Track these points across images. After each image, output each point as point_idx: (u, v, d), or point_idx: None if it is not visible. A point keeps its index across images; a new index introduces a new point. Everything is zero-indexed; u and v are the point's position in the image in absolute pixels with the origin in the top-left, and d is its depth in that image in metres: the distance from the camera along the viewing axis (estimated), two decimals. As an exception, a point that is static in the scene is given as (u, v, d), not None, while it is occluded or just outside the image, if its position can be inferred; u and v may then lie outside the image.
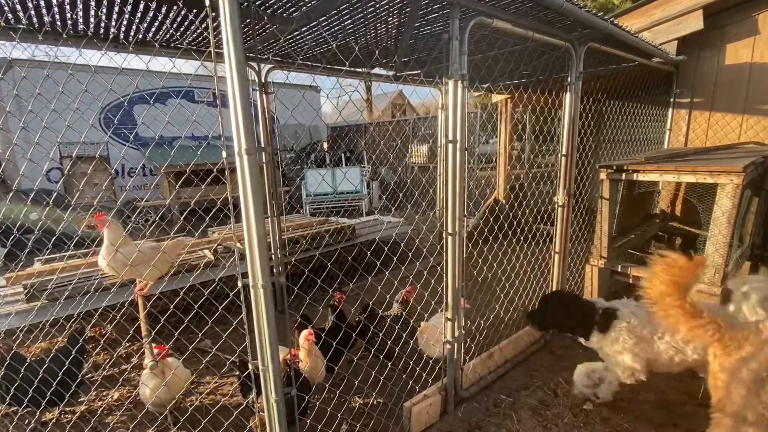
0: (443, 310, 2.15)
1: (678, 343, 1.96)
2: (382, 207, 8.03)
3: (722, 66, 3.73)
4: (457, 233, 2.03)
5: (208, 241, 3.47)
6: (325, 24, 2.34)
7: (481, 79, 3.80)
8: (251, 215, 1.30)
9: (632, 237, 3.32)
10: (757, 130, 3.57)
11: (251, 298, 1.40)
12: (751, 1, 3.51)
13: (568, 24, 2.41)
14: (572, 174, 2.72)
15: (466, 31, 1.86)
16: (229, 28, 1.20)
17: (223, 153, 1.33)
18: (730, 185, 2.30)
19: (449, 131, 1.95)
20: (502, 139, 5.27)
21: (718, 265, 2.42)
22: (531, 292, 3.01)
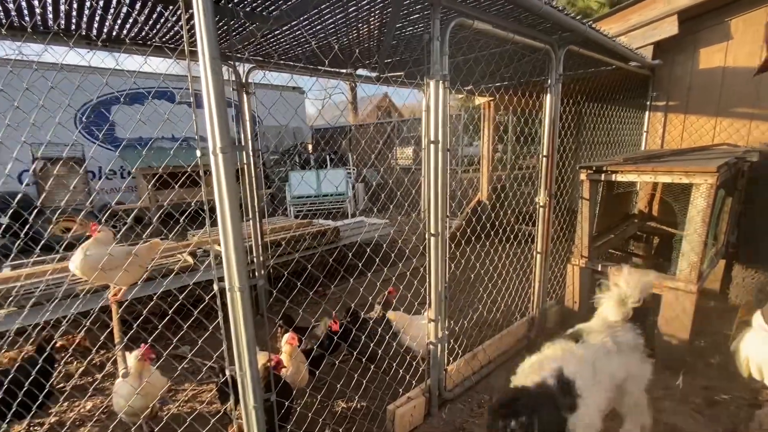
0: (426, 311, 2.14)
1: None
2: (367, 209, 8.01)
3: (696, 70, 3.85)
4: (439, 234, 2.02)
5: (187, 244, 3.39)
6: (306, 24, 2.31)
7: (464, 81, 3.83)
8: (227, 216, 1.27)
9: (612, 237, 3.39)
10: (730, 132, 3.69)
11: (228, 301, 1.35)
12: (723, 6, 3.62)
13: (548, 27, 2.44)
14: (553, 175, 2.76)
15: (447, 32, 1.86)
16: (203, 24, 1.16)
17: (197, 152, 1.29)
18: (705, 185, 2.37)
19: (431, 132, 1.95)
20: (485, 141, 5.32)
21: (693, 263, 2.48)
22: (513, 291, 3.03)
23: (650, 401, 2.00)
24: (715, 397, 2.38)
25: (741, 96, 3.59)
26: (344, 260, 2.23)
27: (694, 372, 2.63)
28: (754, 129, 3.54)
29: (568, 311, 3.15)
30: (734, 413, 2.27)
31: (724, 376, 2.60)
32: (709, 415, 2.25)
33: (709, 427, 2.17)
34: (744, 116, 3.61)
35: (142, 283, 2.62)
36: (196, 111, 1.33)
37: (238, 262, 1.31)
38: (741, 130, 3.61)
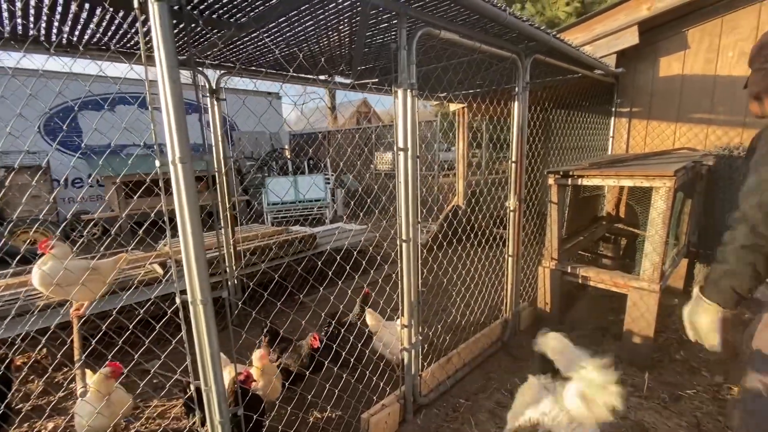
0: (399, 317, 2.14)
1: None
2: (346, 215, 7.99)
3: (657, 78, 4.03)
4: (411, 240, 2.04)
5: (157, 254, 3.29)
6: (276, 31, 2.30)
7: (437, 88, 3.89)
8: (187, 227, 1.24)
9: (581, 239, 3.49)
10: (689, 137, 3.88)
11: (191, 315, 1.32)
12: (680, 18, 3.82)
13: (514, 36, 2.51)
14: (522, 180, 2.82)
15: (414, 41, 1.88)
16: (160, 32, 1.14)
17: (156, 162, 1.26)
18: (664, 188, 2.47)
19: (400, 139, 1.97)
20: (460, 146, 5.41)
21: (656, 264, 2.58)
22: (486, 295, 3.08)
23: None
24: (680, 393, 2.48)
25: (698, 102, 3.78)
26: (323, 267, 2.21)
27: (660, 368, 2.73)
28: (710, 134, 3.73)
29: (540, 312, 3.22)
30: (698, 407, 2.36)
31: (688, 371, 2.71)
32: (674, 410, 2.33)
33: (673, 421, 2.25)
34: (701, 122, 3.80)
35: (108, 297, 2.54)
36: (155, 119, 1.30)
37: (200, 274, 1.28)
38: (699, 135, 3.80)
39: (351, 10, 1.97)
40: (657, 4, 3.62)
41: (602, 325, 3.28)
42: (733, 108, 3.59)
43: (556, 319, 3.18)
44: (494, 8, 1.99)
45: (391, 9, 1.84)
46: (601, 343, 3.03)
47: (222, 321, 1.40)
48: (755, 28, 3.47)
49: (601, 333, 3.15)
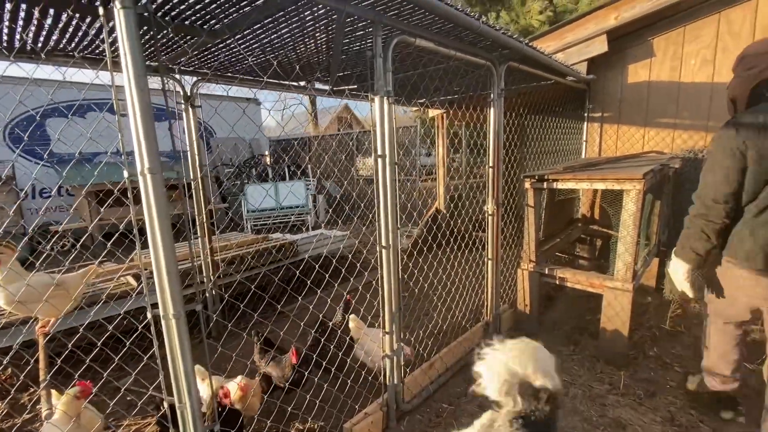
0: (380, 324, 2.14)
1: None
2: (325, 221, 7.93)
3: (625, 84, 4.19)
4: (391, 246, 2.04)
5: (129, 266, 3.18)
6: (251, 37, 2.28)
7: (416, 94, 3.93)
8: (158, 240, 1.21)
9: (558, 241, 3.57)
10: (657, 141, 4.04)
11: (163, 330, 1.28)
12: (646, 27, 3.99)
13: (488, 44, 2.56)
14: (499, 184, 2.87)
15: (390, 49, 1.90)
16: (126, 40, 1.11)
17: (124, 173, 1.22)
18: (634, 191, 2.56)
19: (378, 146, 1.97)
20: (440, 151, 5.47)
21: (628, 264, 2.66)
22: (468, 299, 3.11)
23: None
24: (654, 389, 2.55)
25: (664, 108, 3.95)
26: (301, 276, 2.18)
27: (635, 365, 2.81)
28: (677, 137, 3.90)
29: (520, 314, 3.27)
30: (672, 402, 2.43)
31: (661, 366, 2.79)
32: (649, 406, 2.40)
33: (649, 416, 2.31)
34: (668, 126, 3.97)
35: (77, 312, 2.43)
36: (122, 128, 1.26)
37: (172, 287, 1.24)
38: (666, 139, 3.96)
39: (326, 17, 1.98)
40: (624, 14, 3.78)
41: (580, 324, 3.36)
42: (696, 113, 3.76)
43: (535, 320, 3.23)
44: (467, 17, 2.03)
45: (366, 17, 1.85)
46: (579, 343, 3.09)
47: (199, 334, 1.36)
48: (715, 37, 3.66)
49: (579, 332, 3.22)
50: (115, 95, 1.24)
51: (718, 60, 3.65)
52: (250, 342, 2.34)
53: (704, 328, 2.24)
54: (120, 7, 1.08)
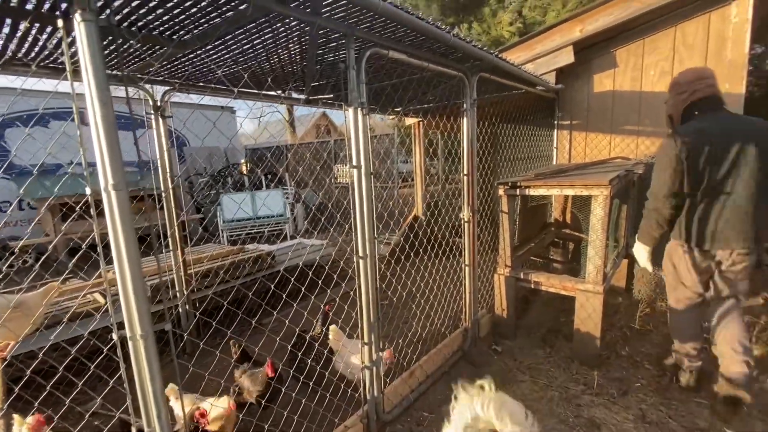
0: (359, 335, 2.12)
1: None
2: (301, 231, 7.85)
3: (592, 93, 4.37)
4: (368, 256, 2.04)
5: (96, 283, 3.05)
6: (222, 48, 2.25)
7: (388, 106, 3.97)
8: (123, 257, 1.16)
9: (532, 245, 3.66)
10: (623, 147, 4.22)
11: (130, 351, 1.23)
12: (609, 39, 4.18)
13: (460, 56, 2.62)
14: (474, 191, 2.93)
15: (363, 61, 1.92)
16: (87, 53, 1.08)
17: (86, 190, 1.18)
18: (601, 196, 2.67)
19: (353, 157, 1.98)
20: (417, 159, 5.54)
21: (598, 267, 2.75)
22: (446, 305, 3.13)
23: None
24: (626, 387, 2.64)
25: (628, 116, 4.14)
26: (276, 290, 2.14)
27: (608, 364, 2.90)
28: (640, 144, 4.09)
29: (498, 318, 3.32)
30: (643, 399, 2.52)
31: (633, 365, 2.89)
32: (622, 405, 2.48)
33: (622, 415, 2.38)
34: (632, 133, 4.16)
35: (39, 333, 2.31)
36: (84, 141, 1.21)
37: (139, 306, 1.20)
38: (630, 145, 4.15)
39: (299, 29, 1.98)
40: (587, 26, 3.95)
41: (555, 326, 3.44)
42: (657, 121, 3.96)
43: (512, 323, 3.29)
44: (439, 30, 2.08)
45: (338, 30, 1.86)
46: (554, 345, 3.17)
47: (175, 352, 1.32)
48: (672, 49, 3.88)
49: (555, 335, 3.31)
50: (76, 106, 1.20)
51: (675, 70, 3.85)
52: (225, 359, 2.28)
53: (669, 318, 2.66)
54: (81, 20, 1.05)
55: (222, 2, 1.57)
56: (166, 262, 3.12)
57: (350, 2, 1.64)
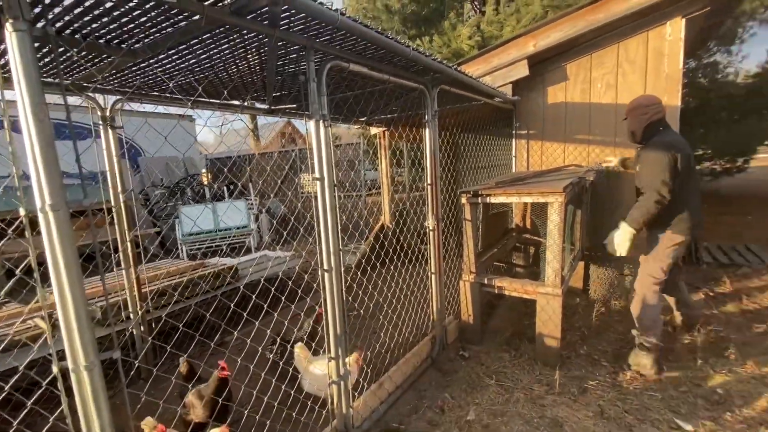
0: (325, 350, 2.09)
1: None
2: (272, 241, 7.67)
3: (546, 105, 4.60)
4: (333, 269, 2.02)
5: (38, 307, 2.81)
6: (176, 57, 2.17)
7: (350, 117, 3.99)
8: (64, 282, 1.08)
9: (495, 251, 3.77)
10: (576, 155, 4.46)
11: (72, 383, 1.14)
12: (560, 54, 4.43)
13: (421, 69, 2.68)
14: (438, 200, 2.99)
15: (323, 74, 1.92)
16: (20, 67, 1.00)
17: (20, 210, 1.08)
18: (556, 203, 2.80)
19: (315, 169, 1.96)
20: (383, 168, 5.58)
21: (556, 270, 2.88)
22: (414, 314, 3.15)
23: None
24: (586, 385, 2.76)
25: (579, 126, 4.39)
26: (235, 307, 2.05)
27: (569, 364, 3.02)
28: (591, 152, 4.34)
29: (464, 324, 3.38)
30: (601, 396, 2.64)
31: (591, 363, 3.03)
32: (582, 402, 2.58)
33: (582, 412, 2.48)
34: (583, 142, 4.40)
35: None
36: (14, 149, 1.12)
37: (83, 334, 1.12)
38: (582, 153, 4.39)
39: (258, 41, 1.95)
40: (540, 42, 4.17)
41: (519, 329, 3.55)
42: (605, 130, 4.22)
43: (478, 329, 3.36)
44: (398, 44, 2.11)
45: (297, 42, 1.85)
46: (518, 348, 3.26)
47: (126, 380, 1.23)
48: (616, 64, 4.16)
49: (519, 338, 3.41)
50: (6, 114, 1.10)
51: (620, 84, 4.15)
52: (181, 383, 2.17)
53: (632, 301, 2.99)
54: (12, 30, 0.98)
55: (173, 12, 1.52)
56: (118, 281, 2.94)
57: (308, 16, 1.64)
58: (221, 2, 1.47)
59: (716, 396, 2.53)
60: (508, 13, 6.66)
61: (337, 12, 1.68)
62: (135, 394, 1.50)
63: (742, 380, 2.65)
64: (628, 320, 3.64)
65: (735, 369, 2.77)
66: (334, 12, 1.67)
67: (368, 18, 7.95)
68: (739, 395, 2.51)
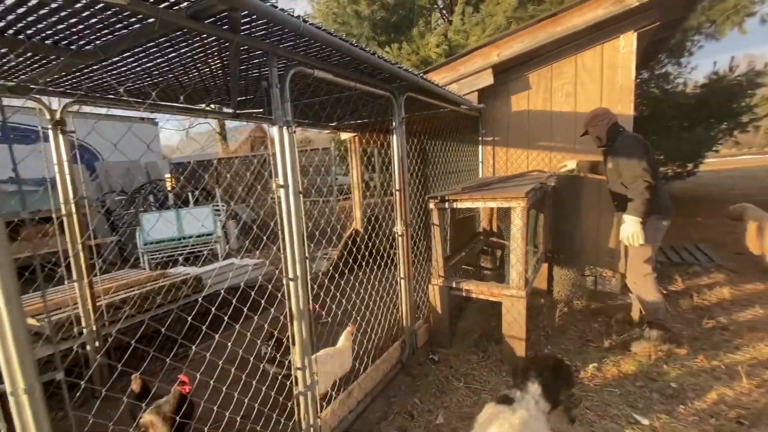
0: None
1: None
2: (240, 248, 7.46)
3: (510, 112, 4.75)
4: (299, 277, 1.99)
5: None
6: (131, 60, 2.09)
7: (322, 119, 3.97)
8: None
9: (463, 255, 3.85)
10: (538, 161, 4.64)
11: (11, 408, 1.06)
12: (522, 64, 4.60)
13: (387, 77, 2.71)
14: (407, 206, 3.01)
15: (287, 80, 1.90)
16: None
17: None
18: (519, 208, 2.89)
19: (279, 176, 1.93)
20: (354, 173, 5.57)
21: (520, 273, 2.97)
22: (383, 320, 3.15)
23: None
24: (549, 383, 2.84)
25: (541, 133, 4.56)
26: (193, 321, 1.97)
27: (534, 364, 3.10)
28: (553, 158, 4.52)
29: (434, 328, 3.42)
30: (563, 393, 2.73)
31: (554, 362, 3.13)
32: (546, 400, 2.66)
33: (546, 411, 2.56)
34: (545, 148, 4.58)
35: None
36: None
37: (21, 354, 1.04)
38: (545, 159, 4.57)
39: (218, 45, 1.91)
40: (504, 51, 4.32)
41: (487, 331, 3.62)
42: (565, 137, 4.41)
43: (447, 332, 3.41)
44: (363, 51, 2.13)
45: (259, 48, 1.83)
46: (486, 349, 3.33)
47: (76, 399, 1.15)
48: (574, 75, 4.37)
49: (486, 339, 3.48)
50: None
51: (579, 93, 4.35)
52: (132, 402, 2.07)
53: (635, 300, 3.41)
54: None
55: (126, 15, 1.46)
56: (69, 295, 2.77)
57: (270, 22, 1.62)
58: (177, 6, 1.43)
59: (670, 390, 2.67)
60: (473, 23, 6.85)
61: (300, 19, 1.67)
62: (83, 417, 1.42)
63: (694, 374, 2.82)
64: (588, 319, 3.80)
65: (687, 363, 2.94)
66: (297, 19, 1.66)
67: (338, 23, 7.95)
68: (691, 389, 2.67)
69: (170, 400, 2.02)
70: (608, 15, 3.81)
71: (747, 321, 3.54)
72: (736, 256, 5.25)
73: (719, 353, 3.04)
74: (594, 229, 4.27)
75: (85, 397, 2.72)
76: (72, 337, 2.79)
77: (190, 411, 2.06)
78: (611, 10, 3.79)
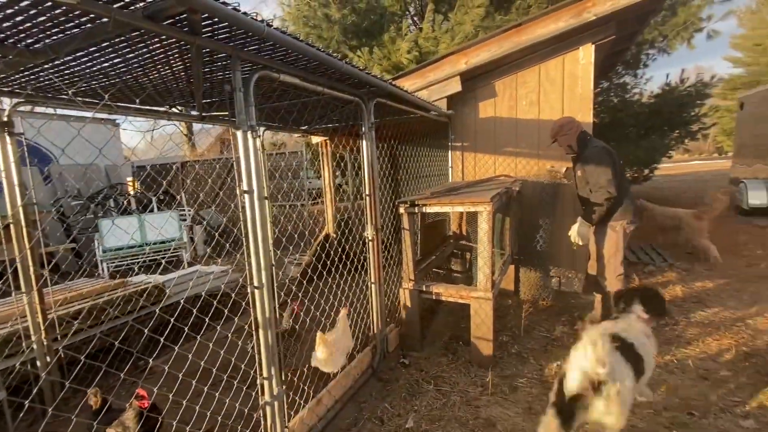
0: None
1: None
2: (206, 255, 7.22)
3: (478, 119, 4.88)
4: (264, 285, 1.95)
5: None
6: (86, 60, 1.99)
7: (294, 122, 3.93)
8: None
9: (433, 258, 3.90)
10: (505, 167, 4.78)
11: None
12: (489, 72, 4.74)
13: (357, 82, 2.72)
14: (377, 210, 3.03)
15: (251, 84, 1.87)
16: None
17: None
18: (485, 212, 2.97)
19: (243, 182, 1.89)
20: (326, 177, 5.53)
21: (487, 275, 3.04)
22: (353, 325, 3.14)
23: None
24: (516, 383, 2.92)
25: (507, 139, 4.71)
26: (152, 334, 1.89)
27: (502, 364, 3.18)
28: (518, 164, 4.68)
29: (405, 331, 3.44)
30: (529, 392, 2.81)
31: (520, 361, 3.23)
32: (513, 400, 2.74)
33: (512, 410, 2.63)
34: (512, 154, 4.74)
35: None
36: None
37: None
38: (511, 165, 4.72)
39: (179, 48, 1.85)
40: (471, 59, 4.43)
41: (457, 333, 3.68)
42: (530, 144, 4.58)
43: (418, 335, 3.44)
44: (330, 57, 2.13)
45: (222, 51, 1.79)
46: (456, 351, 3.38)
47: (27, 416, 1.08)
48: (538, 84, 4.55)
49: (456, 341, 3.53)
50: None
51: (542, 101, 4.53)
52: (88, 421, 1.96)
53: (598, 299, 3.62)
54: None
55: (76, 14, 1.40)
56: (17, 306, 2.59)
57: (232, 25, 1.59)
58: (132, 6, 1.39)
59: (625, 384, 2.81)
60: (443, 31, 7.00)
61: (264, 23, 1.66)
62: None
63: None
64: (553, 318, 3.94)
65: (640, 358, 3.11)
66: (260, 23, 1.64)
67: (309, 26, 7.89)
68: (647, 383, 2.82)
69: (130, 416, 1.93)
70: (569, 27, 4.00)
71: (697, 317, 3.78)
72: (688, 256, 5.61)
73: (671, 348, 3.22)
74: (560, 232, 4.44)
75: (35, 417, 2.55)
76: (20, 352, 2.61)
77: (154, 425, 1.97)
78: (571, 22, 3.98)
